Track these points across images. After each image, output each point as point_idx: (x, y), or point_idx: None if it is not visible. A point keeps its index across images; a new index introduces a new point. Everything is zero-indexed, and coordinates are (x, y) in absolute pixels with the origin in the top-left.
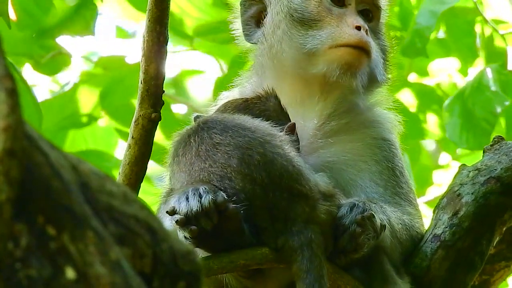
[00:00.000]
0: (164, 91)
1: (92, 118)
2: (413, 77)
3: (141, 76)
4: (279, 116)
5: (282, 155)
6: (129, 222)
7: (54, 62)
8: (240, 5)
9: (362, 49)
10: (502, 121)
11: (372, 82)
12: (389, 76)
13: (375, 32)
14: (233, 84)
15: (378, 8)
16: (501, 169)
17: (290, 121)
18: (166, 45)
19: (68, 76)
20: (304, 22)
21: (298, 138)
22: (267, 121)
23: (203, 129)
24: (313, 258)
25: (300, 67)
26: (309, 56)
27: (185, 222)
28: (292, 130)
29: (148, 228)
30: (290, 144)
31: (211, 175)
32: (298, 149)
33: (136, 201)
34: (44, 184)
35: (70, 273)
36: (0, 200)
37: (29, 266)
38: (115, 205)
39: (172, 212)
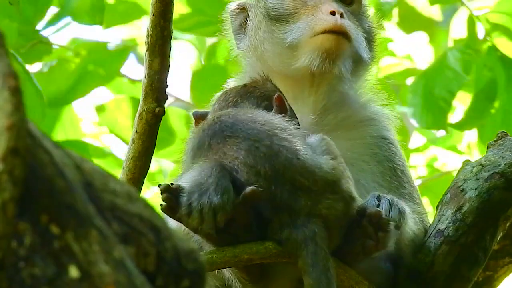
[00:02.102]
0: (168, 86)
1: (64, 101)
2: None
3: (145, 70)
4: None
5: (288, 148)
6: (133, 221)
7: (34, 52)
8: (229, 17)
9: (339, 33)
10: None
11: (358, 63)
12: (375, 55)
13: (356, 14)
14: (225, 85)
15: None
16: (505, 164)
17: (287, 102)
18: (170, 39)
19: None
20: (281, 18)
21: (294, 114)
22: (268, 101)
23: (216, 123)
24: (318, 252)
25: (284, 63)
26: (291, 50)
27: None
28: (281, 102)
29: (151, 226)
30: (300, 138)
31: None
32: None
33: (139, 199)
34: (48, 183)
35: (73, 272)
36: (4, 198)
37: (33, 264)
38: (118, 203)
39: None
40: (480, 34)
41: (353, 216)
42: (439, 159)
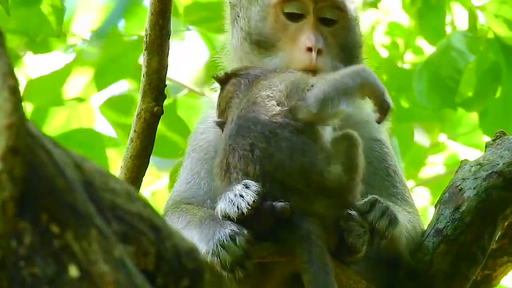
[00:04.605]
0: (166, 85)
1: (83, 98)
2: (409, 57)
3: (143, 69)
4: None
5: (283, 149)
6: (133, 220)
7: (48, 41)
8: (229, 6)
9: (315, 71)
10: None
11: None
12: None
13: (339, 34)
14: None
15: (340, 9)
16: (503, 163)
17: None
18: (169, 38)
19: (62, 55)
20: (260, 45)
21: None
22: None
23: (226, 138)
24: (313, 249)
25: None
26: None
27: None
28: None
29: (151, 226)
30: (303, 132)
31: (233, 182)
32: None
33: (139, 199)
34: (48, 182)
35: (73, 271)
36: (4, 198)
37: (33, 264)
38: (118, 203)
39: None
40: (482, 24)
41: None
42: (460, 156)
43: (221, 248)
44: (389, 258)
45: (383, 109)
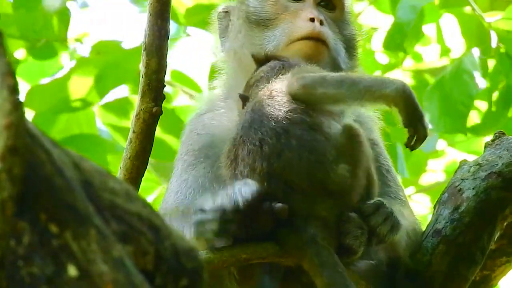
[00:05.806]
0: (165, 85)
1: (86, 103)
2: (409, 62)
3: (142, 70)
4: None
5: (293, 146)
6: (132, 220)
7: (48, 47)
8: (217, 19)
9: (317, 40)
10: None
11: (337, 71)
12: (356, 63)
13: (337, 22)
14: (214, 86)
15: None
16: (502, 164)
17: None
18: (168, 39)
19: (63, 60)
20: (261, 23)
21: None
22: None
23: (239, 127)
24: (321, 251)
25: None
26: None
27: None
28: None
29: (150, 225)
30: (315, 130)
31: (238, 174)
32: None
33: (138, 198)
34: (47, 181)
35: (72, 271)
36: (2, 197)
37: (32, 263)
38: (117, 202)
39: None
40: (493, 41)
41: None
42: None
43: (200, 225)
44: (388, 258)
45: (419, 134)
